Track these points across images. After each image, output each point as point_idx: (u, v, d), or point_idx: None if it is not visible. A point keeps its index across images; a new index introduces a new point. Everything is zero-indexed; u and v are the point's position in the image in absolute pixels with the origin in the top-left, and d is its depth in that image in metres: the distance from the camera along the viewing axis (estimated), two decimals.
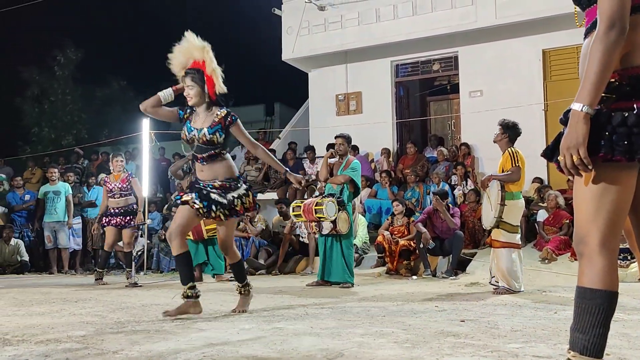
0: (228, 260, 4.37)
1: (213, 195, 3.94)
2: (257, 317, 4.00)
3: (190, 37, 4.04)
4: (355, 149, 10.51)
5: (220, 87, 4.04)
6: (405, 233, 8.16)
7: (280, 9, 12.52)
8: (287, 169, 4.42)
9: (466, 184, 9.50)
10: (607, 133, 1.75)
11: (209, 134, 3.98)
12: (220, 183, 4.01)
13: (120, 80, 18.92)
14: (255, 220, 9.45)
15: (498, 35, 10.56)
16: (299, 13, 12.00)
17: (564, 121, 1.86)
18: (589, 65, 1.75)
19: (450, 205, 8.15)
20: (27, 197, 10.72)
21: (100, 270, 7.45)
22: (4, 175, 11.82)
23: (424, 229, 7.73)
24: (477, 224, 8.31)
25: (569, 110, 1.82)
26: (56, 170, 10.32)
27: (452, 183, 9.76)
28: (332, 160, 6.79)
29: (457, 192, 9.47)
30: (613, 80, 1.77)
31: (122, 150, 10.41)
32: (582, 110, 1.75)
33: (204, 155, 4.04)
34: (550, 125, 10.03)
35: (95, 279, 7.38)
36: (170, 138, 18.60)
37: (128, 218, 7.26)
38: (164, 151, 14.54)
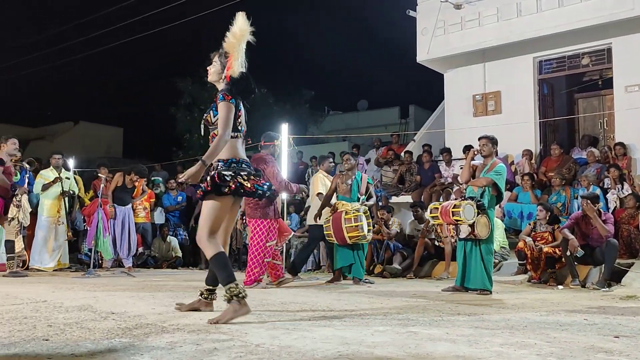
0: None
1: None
2: (392, 320, 3.99)
3: (239, 20, 3.77)
4: None
5: (234, 71, 3.78)
6: (550, 240, 7.64)
7: (415, 10, 12.42)
8: (204, 160, 3.61)
9: (622, 188, 8.66)
10: None
11: (206, 113, 3.86)
12: (216, 163, 3.75)
13: (261, 88, 19.98)
14: (390, 223, 9.44)
15: None
16: (434, 13, 11.82)
17: None
18: None
19: (601, 210, 7.49)
20: (179, 198, 11.75)
21: None
22: (160, 179, 13.00)
23: (571, 236, 7.19)
24: (633, 232, 7.56)
25: None
26: None
27: (604, 187, 8.96)
28: (475, 162, 6.56)
29: (611, 196, 8.67)
30: None
31: None
32: None
33: (208, 136, 3.83)
34: None
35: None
36: (308, 142, 19.25)
37: None
38: (302, 155, 15.08)
